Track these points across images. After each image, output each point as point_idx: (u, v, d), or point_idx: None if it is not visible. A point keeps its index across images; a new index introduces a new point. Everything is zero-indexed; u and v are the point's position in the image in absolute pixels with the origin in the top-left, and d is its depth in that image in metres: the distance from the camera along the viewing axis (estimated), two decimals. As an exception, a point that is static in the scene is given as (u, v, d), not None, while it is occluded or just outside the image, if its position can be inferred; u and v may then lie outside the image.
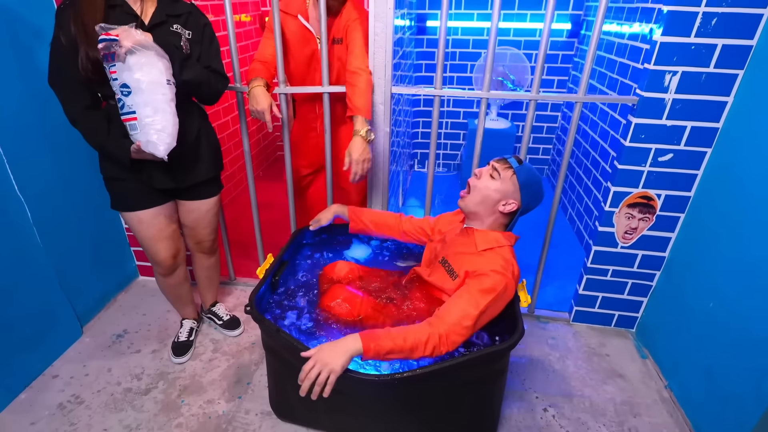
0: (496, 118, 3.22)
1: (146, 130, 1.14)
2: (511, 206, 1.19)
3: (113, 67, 1.09)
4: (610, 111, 2.31)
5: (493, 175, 1.20)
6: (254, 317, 1.11)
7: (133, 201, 1.35)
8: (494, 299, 1.09)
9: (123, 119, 1.15)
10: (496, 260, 1.16)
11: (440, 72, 1.55)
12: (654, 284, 1.74)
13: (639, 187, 1.58)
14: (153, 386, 1.52)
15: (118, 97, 1.12)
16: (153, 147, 1.15)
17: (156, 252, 1.44)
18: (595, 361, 1.69)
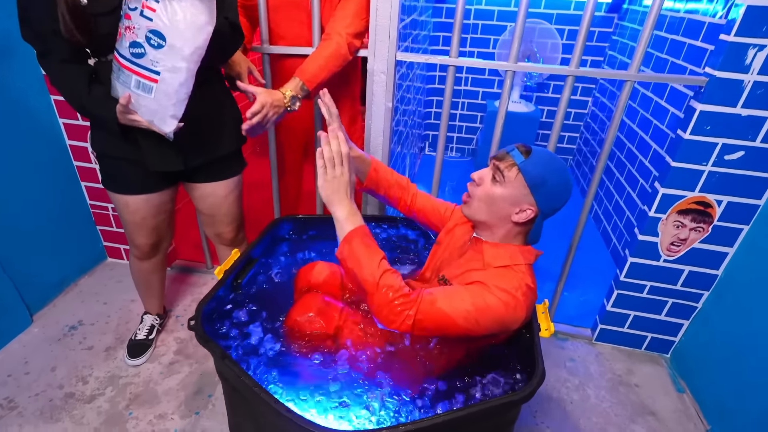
0: (518, 100, 2.89)
1: (163, 98, 0.89)
2: (527, 213, 0.90)
3: (149, 1, 0.82)
4: (654, 97, 1.98)
5: (496, 177, 0.90)
6: (198, 336, 0.86)
7: (123, 183, 1.14)
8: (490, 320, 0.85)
9: (134, 71, 0.87)
10: (506, 278, 0.89)
11: (457, 36, 1.25)
12: (699, 306, 1.46)
13: (695, 191, 1.28)
14: (99, 393, 1.31)
15: (136, 48, 0.84)
16: (162, 121, 0.91)
17: (134, 237, 1.26)
18: (622, 392, 1.43)
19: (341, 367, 0.88)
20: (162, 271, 1.42)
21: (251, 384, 0.78)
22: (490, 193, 0.91)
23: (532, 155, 0.88)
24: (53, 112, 1.57)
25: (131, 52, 0.86)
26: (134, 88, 0.89)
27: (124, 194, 1.15)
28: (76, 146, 1.64)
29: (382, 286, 0.81)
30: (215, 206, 1.27)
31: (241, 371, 0.81)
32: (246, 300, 1.05)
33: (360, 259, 0.82)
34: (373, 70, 1.34)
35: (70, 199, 1.69)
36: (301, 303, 0.98)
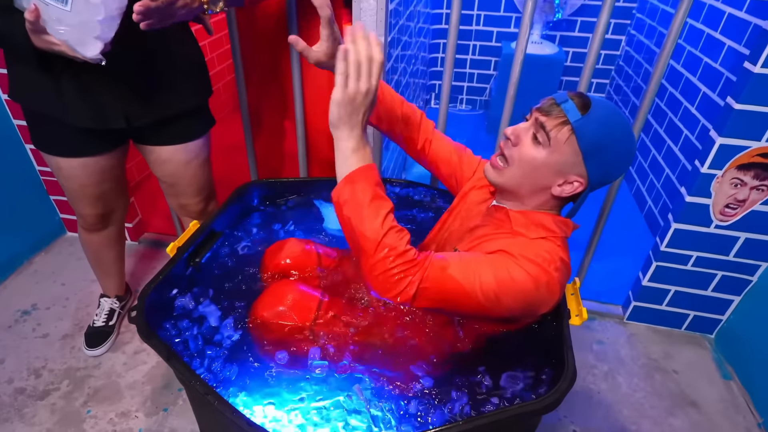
0: (539, 41, 2.65)
1: (83, 9, 0.72)
2: (574, 186, 0.74)
3: None
4: (707, 29, 1.76)
5: (538, 137, 0.73)
6: (140, 331, 0.74)
7: (54, 142, 1.00)
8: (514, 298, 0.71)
9: None
10: (537, 249, 0.74)
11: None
12: (755, 280, 1.32)
13: (762, 141, 1.11)
14: (54, 387, 1.22)
15: None
16: (80, 42, 0.75)
17: (77, 206, 1.14)
18: (658, 380, 1.32)
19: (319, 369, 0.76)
20: (117, 246, 1.30)
21: (203, 390, 0.67)
22: (529, 159, 0.73)
23: (591, 111, 0.69)
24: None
25: None
26: (50, 1, 0.71)
27: (55, 156, 1.01)
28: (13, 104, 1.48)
29: (383, 246, 0.66)
30: (176, 174, 1.14)
31: (191, 375, 0.70)
32: (205, 282, 0.93)
33: (362, 207, 0.66)
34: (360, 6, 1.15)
35: (13, 164, 1.55)
36: (269, 293, 0.85)
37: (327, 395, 0.74)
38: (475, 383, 0.78)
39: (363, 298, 0.88)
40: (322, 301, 0.84)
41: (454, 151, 0.95)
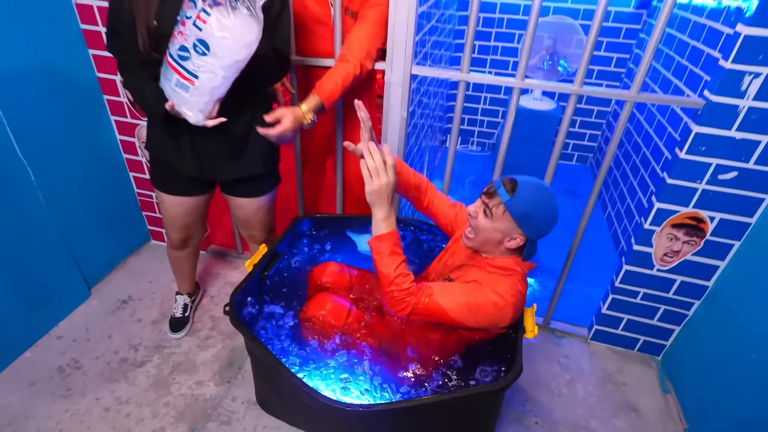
0: (540, 98, 2.93)
1: (195, 97, 1.02)
2: (517, 242, 1.04)
3: (203, 14, 0.94)
4: (658, 115, 2.03)
5: (486, 213, 1.03)
6: (232, 321, 1.05)
7: (164, 183, 1.32)
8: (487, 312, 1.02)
9: (177, 71, 1.00)
10: (501, 283, 1.03)
11: (468, 53, 1.35)
12: (690, 314, 1.55)
13: (689, 207, 1.36)
14: (148, 359, 1.55)
15: (183, 51, 0.97)
16: (189, 110, 1.05)
17: (168, 230, 1.45)
18: (609, 389, 1.56)
19: (346, 355, 1.06)
20: (192, 259, 1.62)
21: (274, 362, 0.97)
22: (483, 227, 1.04)
23: (517, 192, 0.99)
24: (106, 111, 1.78)
25: (178, 54, 0.99)
26: (174, 85, 1.02)
27: (162, 192, 1.33)
28: (125, 141, 1.85)
29: (393, 283, 1.00)
30: (248, 217, 1.44)
31: (266, 351, 1.00)
32: (271, 289, 1.24)
33: (383, 257, 1.01)
34: (390, 82, 1.46)
35: (119, 187, 1.92)
36: (315, 301, 1.15)
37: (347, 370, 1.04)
38: (454, 372, 1.06)
39: (380, 309, 1.18)
40: (351, 310, 1.14)
41: (450, 207, 1.25)
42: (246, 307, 1.16)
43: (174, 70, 1.01)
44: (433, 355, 1.08)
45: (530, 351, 1.66)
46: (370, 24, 1.35)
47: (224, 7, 0.94)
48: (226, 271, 1.98)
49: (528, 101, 2.93)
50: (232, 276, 1.95)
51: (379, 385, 1.01)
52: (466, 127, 3.41)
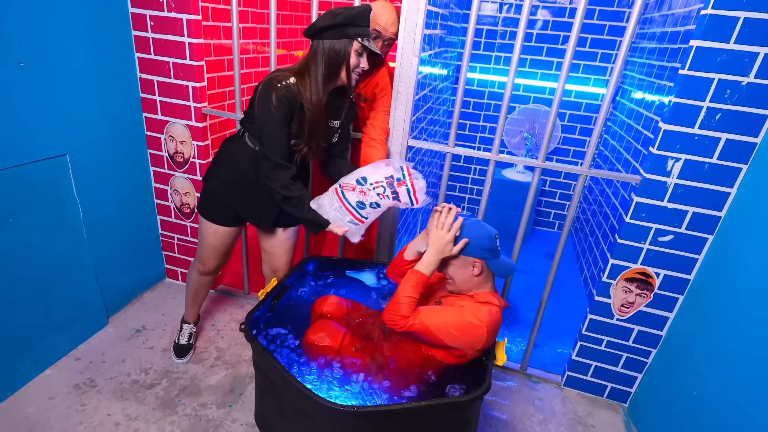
0: (522, 171, 3.29)
1: (359, 229, 1.41)
2: (478, 266, 1.30)
3: (393, 196, 1.34)
4: (606, 188, 2.34)
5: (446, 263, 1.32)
6: (246, 336, 1.24)
7: (220, 216, 1.54)
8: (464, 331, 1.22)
9: (351, 212, 1.36)
10: (480, 309, 1.25)
11: (454, 130, 1.67)
12: (649, 362, 1.72)
13: (638, 263, 1.60)
14: (157, 382, 1.68)
15: (360, 205, 1.36)
16: (352, 236, 1.42)
17: (207, 257, 1.65)
18: (579, 430, 1.68)
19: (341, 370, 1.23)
20: (210, 286, 1.81)
21: (282, 369, 1.15)
22: (451, 273, 1.32)
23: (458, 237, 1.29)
24: (147, 162, 2.07)
25: (355, 204, 1.36)
26: (347, 221, 1.38)
27: (216, 224, 1.56)
28: (158, 188, 2.12)
29: (399, 305, 1.22)
30: (275, 246, 1.67)
31: (275, 361, 1.18)
32: (279, 315, 1.43)
33: (407, 285, 1.25)
34: (390, 152, 1.77)
35: (147, 228, 2.16)
36: (316, 326, 1.35)
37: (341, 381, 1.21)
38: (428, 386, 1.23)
39: (371, 335, 1.37)
40: (346, 335, 1.33)
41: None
42: (257, 327, 1.35)
43: (348, 211, 1.37)
44: (413, 372, 1.26)
45: (508, 393, 1.80)
46: (385, 114, 1.70)
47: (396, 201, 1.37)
48: (232, 308, 2.15)
49: (512, 173, 3.28)
50: (238, 313, 2.13)
51: (367, 392, 1.18)
52: (458, 194, 3.74)
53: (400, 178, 1.33)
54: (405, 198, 1.34)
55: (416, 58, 1.62)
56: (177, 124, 1.96)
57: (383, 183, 1.33)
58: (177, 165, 2.04)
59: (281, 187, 1.35)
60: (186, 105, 1.91)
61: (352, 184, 1.35)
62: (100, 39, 1.71)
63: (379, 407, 1.08)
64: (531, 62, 3.24)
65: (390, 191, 1.33)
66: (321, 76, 1.31)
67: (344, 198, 1.36)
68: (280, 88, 1.28)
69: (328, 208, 1.38)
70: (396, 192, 1.33)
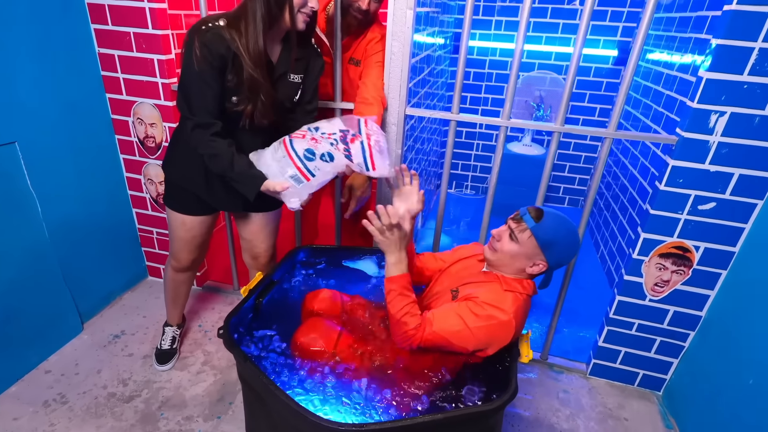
0: (529, 144, 3.07)
1: (303, 189, 1.16)
2: (540, 267, 1.09)
3: (345, 151, 1.11)
4: (641, 157, 2.14)
5: (511, 237, 1.09)
6: (226, 343, 1.05)
7: (185, 205, 1.36)
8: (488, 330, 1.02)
9: (297, 166, 1.13)
10: (505, 299, 1.05)
11: (458, 95, 1.46)
12: (687, 345, 1.54)
13: (674, 237, 1.41)
14: (136, 394, 1.50)
15: (310, 154, 1.12)
16: (289, 200, 1.18)
17: (180, 251, 1.47)
18: (611, 425, 1.51)
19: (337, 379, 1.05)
20: (189, 284, 1.63)
21: (267, 383, 0.96)
22: (507, 250, 1.09)
23: (543, 219, 1.06)
24: (116, 149, 1.86)
25: (304, 154, 1.11)
26: (288, 176, 1.13)
27: (184, 214, 1.37)
28: (131, 178, 1.92)
29: (400, 322, 1.04)
30: (254, 233, 1.48)
31: (259, 373, 0.99)
32: (265, 315, 1.24)
33: (393, 298, 1.06)
34: (386, 122, 1.56)
35: (122, 223, 1.96)
36: (305, 326, 1.15)
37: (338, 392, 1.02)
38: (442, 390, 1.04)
39: (372, 332, 1.18)
40: (342, 334, 1.14)
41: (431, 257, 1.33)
42: (240, 331, 1.16)
43: (293, 163, 1.13)
44: (423, 374, 1.07)
45: (528, 386, 1.63)
46: (378, 68, 1.48)
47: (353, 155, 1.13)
48: (221, 306, 1.97)
49: (519, 147, 3.07)
50: (228, 311, 1.93)
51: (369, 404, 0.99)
52: (460, 172, 3.53)
53: (355, 132, 1.11)
54: (359, 158, 1.10)
55: (411, 11, 1.39)
56: (145, 105, 1.74)
57: (336, 136, 1.10)
58: (149, 151, 1.83)
59: (203, 147, 1.15)
60: (153, 82, 1.69)
61: (302, 131, 1.14)
62: (48, 9, 1.47)
63: (386, 424, 0.89)
64: (534, 25, 2.99)
65: (343, 145, 1.10)
66: (260, 18, 1.07)
67: (290, 146, 1.13)
68: (204, 31, 1.07)
69: (269, 158, 1.15)
70: (349, 149, 1.10)
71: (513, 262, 1.10)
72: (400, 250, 1.08)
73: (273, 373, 1.07)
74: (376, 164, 1.11)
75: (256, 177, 1.17)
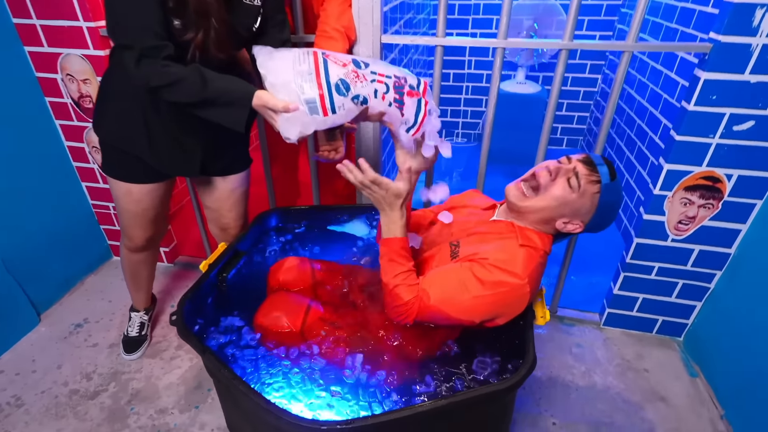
0: (523, 81, 2.81)
1: (313, 123, 0.86)
2: (574, 228, 0.90)
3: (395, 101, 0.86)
4: (664, 69, 1.89)
5: (571, 183, 0.87)
6: (179, 331, 0.86)
7: (128, 171, 1.11)
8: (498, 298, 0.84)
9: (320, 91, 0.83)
10: (517, 259, 0.85)
11: (443, 16, 1.20)
12: (712, 287, 1.39)
13: (703, 165, 1.21)
14: (103, 389, 1.33)
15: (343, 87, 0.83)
16: (288, 130, 0.87)
17: (130, 227, 1.24)
18: (631, 378, 1.38)
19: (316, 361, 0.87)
20: (153, 264, 1.42)
21: (230, 377, 0.78)
22: (558, 195, 0.87)
23: (617, 180, 0.86)
24: (49, 115, 1.59)
25: (336, 84, 0.83)
26: (303, 98, 0.84)
27: (128, 182, 1.13)
28: (74, 147, 1.66)
29: (391, 293, 0.87)
30: (220, 200, 1.26)
31: (221, 365, 0.81)
32: (230, 293, 1.05)
33: (384, 264, 0.89)
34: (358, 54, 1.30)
35: (71, 199, 1.72)
36: (266, 304, 0.96)
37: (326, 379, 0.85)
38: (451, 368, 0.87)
39: (351, 301, 0.99)
40: (310, 308, 0.95)
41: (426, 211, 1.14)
42: (200, 315, 0.97)
43: (318, 87, 0.83)
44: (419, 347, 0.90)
45: (538, 342, 1.48)
46: None
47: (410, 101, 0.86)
48: (195, 284, 1.77)
49: (512, 86, 2.80)
50: (203, 288, 1.75)
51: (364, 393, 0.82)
52: (450, 119, 3.27)
53: (413, 85, 0.87)
54: (410, 113, 0.86)
55: None
56: (72, 57, 1.46)
57: (389, 81, 0.85)
58: (87, 113, 1.56)
59: (156, 78, 0.86)
60: (76, 27, 1.40)
61: (343, 58, 0.86)
62: None
63: (379, 417, 0.72)
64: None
65: (395, 94, 0.85)
66: None
67: (323, 67, 0.84)
68: None
69: (283, 65, 0.85)
70: (402, 101, 0.86)
71: (547, 213, 0.89)
72: (393, 209, 0.89)
73: (242, 363, 0.89)
74: (422, 127, 0.87)
75: (244, 89, 0.87)
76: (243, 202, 1.30)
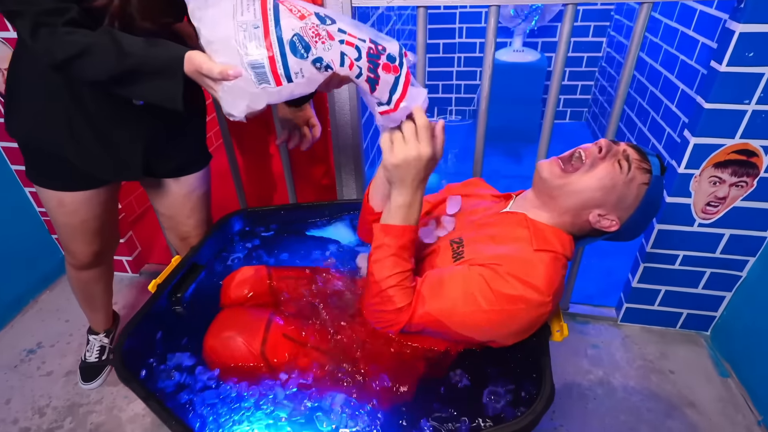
0: (521, 49, 2.64)
1: (264, 96, 0.68)
2: (609, 224, 0.77)
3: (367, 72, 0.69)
4: (681, 27, 1.73)
5: (621, 164, 0.74)
6: (118, 373, 0.73)
7: (58, 177, 0.96)
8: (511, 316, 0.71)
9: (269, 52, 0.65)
10: (538, 268, 0.72)
11: (426, -32, 1.04)
12: (744, 275, 1.27)
13: (736, 138, 1.08)
14: (57, 425, 1.22)
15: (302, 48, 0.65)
16: (233, 105, 0.69)
17: (70, 242, 1.10)
18: (654, 382, 1.28)
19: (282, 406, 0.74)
20: (108, 281, 1.28)
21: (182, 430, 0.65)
22: (605, 174, 0.74)
23: (665, 176, 0.78)
24: (-23, 112, 1.42)
25: (291, 40, 0.65)
26: (246, 61, 0.65)
27: (57, 190, 0.98)
28: (9, 148, 1.50)
29: (383, 295, 0.72)
30: (174, 206, 1.11)
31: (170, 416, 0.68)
32: (187, 317, 0.91)
33: (383, 257, 0.72)
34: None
35: (14, 207, 1.57)
36: (215, 322, 0.82)
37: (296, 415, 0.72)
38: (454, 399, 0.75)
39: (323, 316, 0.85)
40: (271, 321, 0.81)
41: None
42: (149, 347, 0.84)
43: (267, 45, 0.65)
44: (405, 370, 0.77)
45: (550, 347, 1.37)
46: None
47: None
48: (163, 295, 1.64)
49: (509, 55, 2.63)
50: (172, 300, 1.62)
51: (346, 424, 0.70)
52: (442, 95, 3.10)
53: (393, 55, 0.70)
54: (383, 91, 0.69)
55: None
56: (-7, 42, 1.29)
57: (362, 45, 0.67)
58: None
59: (61, 49, 0.69)
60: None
61: (304, 8, 0.67)
62: None
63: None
64: None
65: (367, 63, 0.67)
66: None
67: (274, 15, 0.66)
68: None
69: (222, 12, 0.66)
70: (377, 72, 0.68)
71: (586, 196, 0.75)
72: (417, 187, 0.71)
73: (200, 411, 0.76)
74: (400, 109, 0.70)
75: (173, 52, 0.70)
76: (203, 206, 1.15)
